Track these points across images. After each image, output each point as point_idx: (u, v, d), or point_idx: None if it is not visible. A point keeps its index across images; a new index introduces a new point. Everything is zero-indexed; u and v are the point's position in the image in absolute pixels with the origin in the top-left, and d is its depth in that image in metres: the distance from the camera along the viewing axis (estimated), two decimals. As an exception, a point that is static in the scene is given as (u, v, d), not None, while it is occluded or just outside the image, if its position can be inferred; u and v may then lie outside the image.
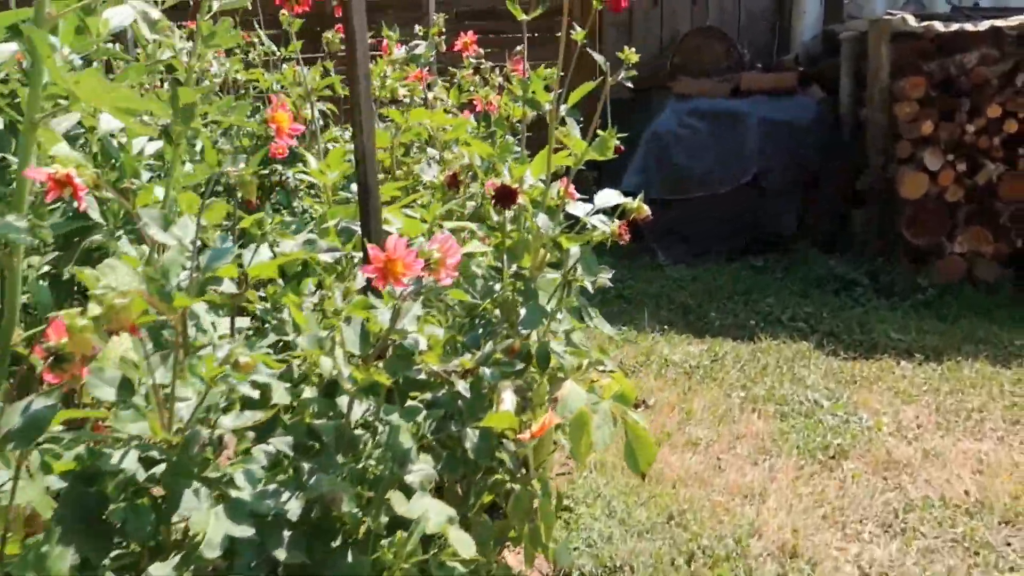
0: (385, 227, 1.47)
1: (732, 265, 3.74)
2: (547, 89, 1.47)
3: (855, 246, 3.68)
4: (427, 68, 2.38)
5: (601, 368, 1.35)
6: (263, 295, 1.17)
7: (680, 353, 2.85)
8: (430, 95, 2.12)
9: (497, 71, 2.31)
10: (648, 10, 4.98)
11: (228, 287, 0.92)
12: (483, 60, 2.46)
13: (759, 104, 3.96)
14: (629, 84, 1.52)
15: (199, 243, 0.89)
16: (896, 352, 2.80)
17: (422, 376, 1.02)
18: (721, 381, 2.60)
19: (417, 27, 2.57)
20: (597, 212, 1.52)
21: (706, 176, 3.88)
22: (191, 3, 1.57)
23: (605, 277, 1.50)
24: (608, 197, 1.45)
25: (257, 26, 2.14)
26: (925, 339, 2.88)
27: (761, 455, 2.09)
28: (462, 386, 1.06)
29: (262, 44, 2.18)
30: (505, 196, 1.27)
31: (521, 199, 1.34)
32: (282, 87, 2.02)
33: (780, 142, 3.85)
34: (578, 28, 1.51)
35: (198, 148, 1.42)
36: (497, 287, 1.31)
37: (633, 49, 1.53)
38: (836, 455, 2.08)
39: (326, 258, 1.08)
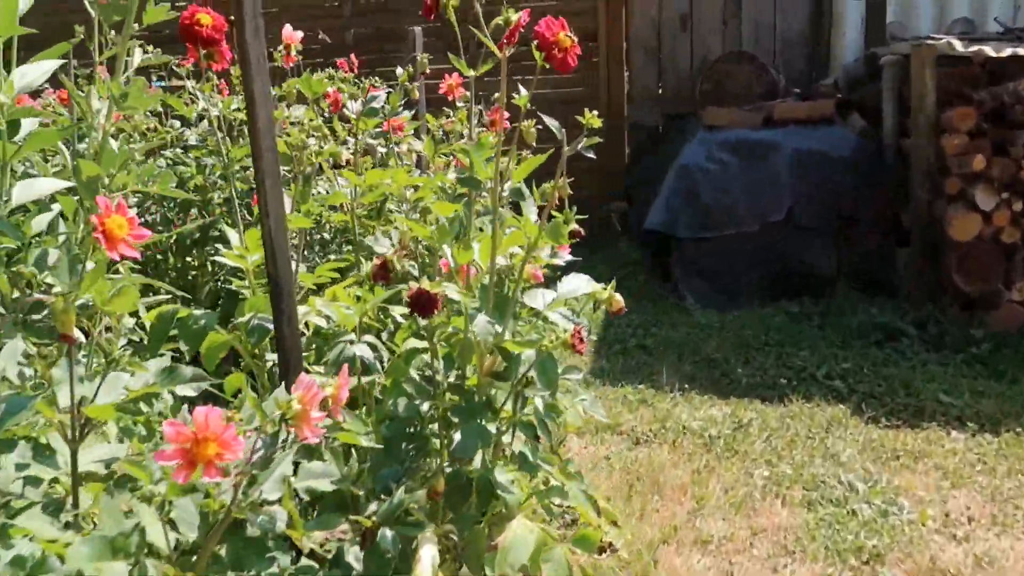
0: (315, 318, 1.26)
1: (765, 310, 3.45)
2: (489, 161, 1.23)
3: (899, 291, 3.36)
4: (412, 114, 2.19)
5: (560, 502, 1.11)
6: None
7: (700, 418, 2.58)
8: (403, 147, 1.91)
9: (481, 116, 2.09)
10: (677, 33, 4.73)
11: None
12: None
13: (793, 134, 3.67)
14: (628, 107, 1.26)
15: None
16: (946, 419, 2.48)
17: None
18: (743, 455, 2.32)
19: (399, 68, 2.36)
20: (572, 293, 1.29)
21: (736, 213, 3.61)
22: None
23: (574, 378, 1.26)
24: (575, 286, 1.21)
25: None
26: (979, 403, 2.56)
27: (783, 557, 1.81)
28: (354, 557, 0.83)
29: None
30: (422, 305, 1.04)
31: (457, 295, 1.11)
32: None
33: (816, 176, 3.56)
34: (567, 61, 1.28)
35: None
36: (426, 406, 1.08)
37: (630, 89, 1.27)
38: (871, 559, 1.78)
39: (188, 391, 0.87)
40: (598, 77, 4.94)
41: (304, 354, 1.13)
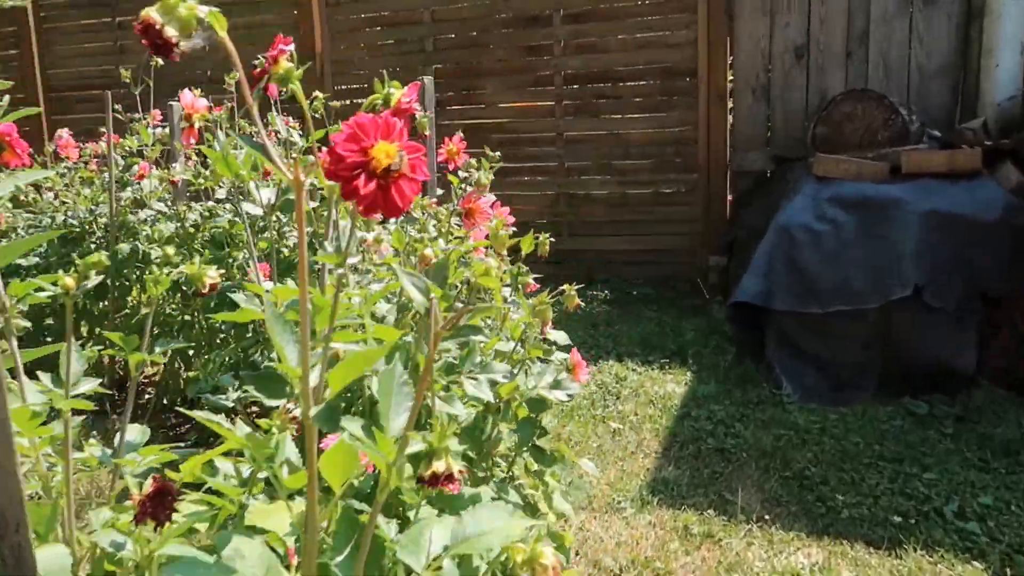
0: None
1: (881, 410, 2.79)
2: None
3: (1065, 397, 2.63)
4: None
5: None
6: None
7: (780, 569, 1.99)
8: (370, 236, 1.48)
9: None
10: (791, 67, 4.11)
11: None
12: (475, 169, 1.81)
13: (926, 191, 3.00)
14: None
15: None
16: None
17: None
18: (830, 640, 1.73)
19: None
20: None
21: (850, 286, 2.97)
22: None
23: None
24: (480, 527, 0.73)
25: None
26: None
27: None
28: None
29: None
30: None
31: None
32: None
33: (953, 243, 2.88)
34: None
35: None
36: None
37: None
38: None
39: None
40: (696, 116, 4.38)
41: None
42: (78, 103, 6.12)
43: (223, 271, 2.77)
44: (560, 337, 1.92)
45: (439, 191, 2.74)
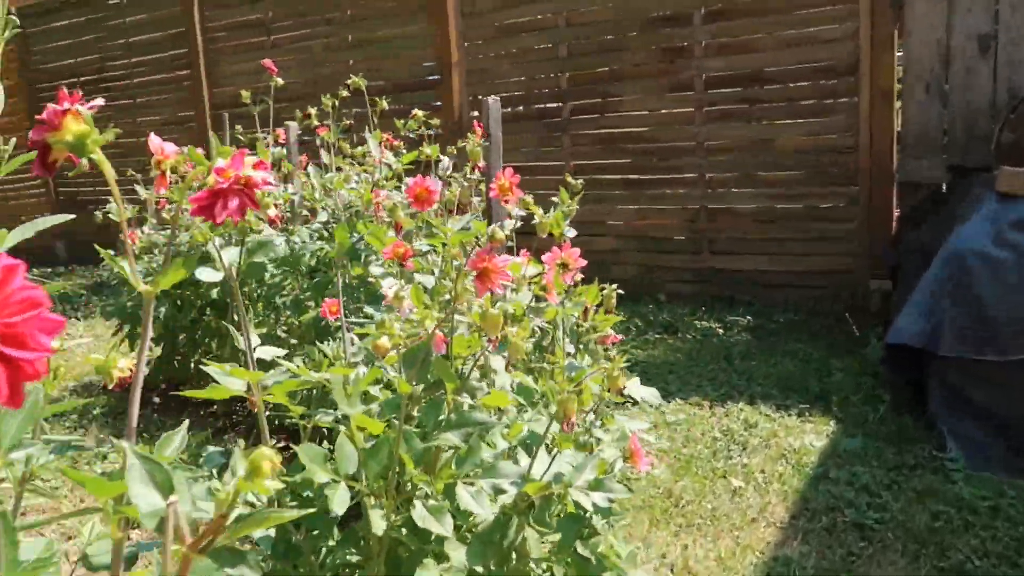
0: None
1: (1076, 488, 2.24)
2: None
3: None
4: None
5: None
6: None
7: None
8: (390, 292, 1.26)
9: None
10: (974, 61, 3.51)
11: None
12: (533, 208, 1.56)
13: None
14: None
15: None
16: None
17: None
18: None
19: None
20: None
21: (1037, 328, 2.43)
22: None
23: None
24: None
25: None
26: None
27: None
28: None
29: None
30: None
31: None
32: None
33: None
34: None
35: None
36: None
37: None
38: None
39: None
40: (857, 120, 3.85)
41: None
42: (237, 120, 6.41)
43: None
44: (648, 394, 1.62)
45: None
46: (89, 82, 7.27)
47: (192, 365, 3.23)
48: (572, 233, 1.75)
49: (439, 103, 5.29)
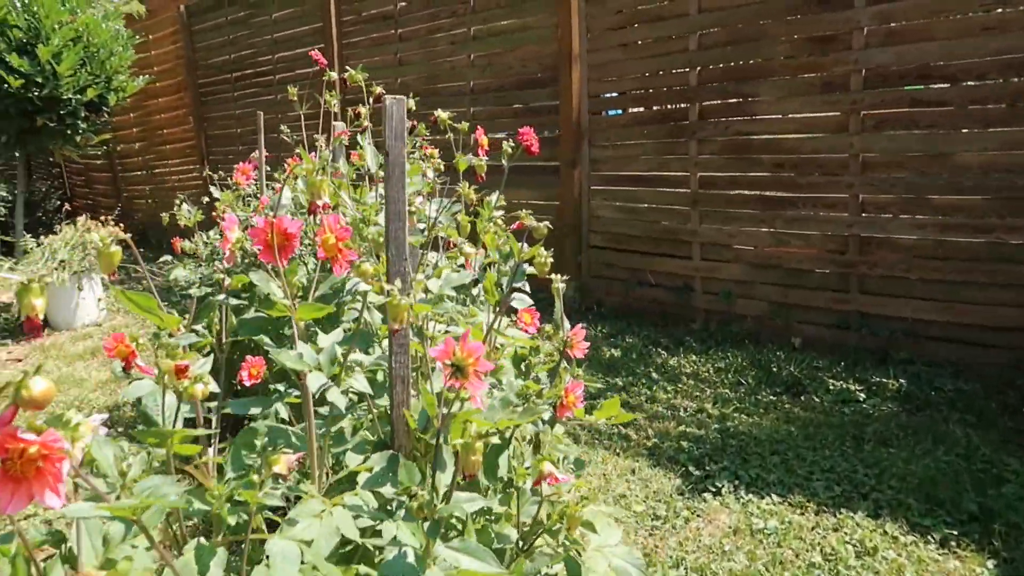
0: None
1: None
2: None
3: None
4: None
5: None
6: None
7: None
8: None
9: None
10: None
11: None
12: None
13: None
14: None
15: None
16: None
17: None
18: None
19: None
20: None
21: None
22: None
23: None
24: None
25: None
26: None
27: None
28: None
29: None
30: None
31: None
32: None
33: None
34: None
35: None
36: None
37: None
38: None
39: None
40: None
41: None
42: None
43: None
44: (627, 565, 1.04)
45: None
46: (243, 77, 7.38)
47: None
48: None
49: (556, 101, 4.73)
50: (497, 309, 1.29)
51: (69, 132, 5.97)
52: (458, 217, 1.90)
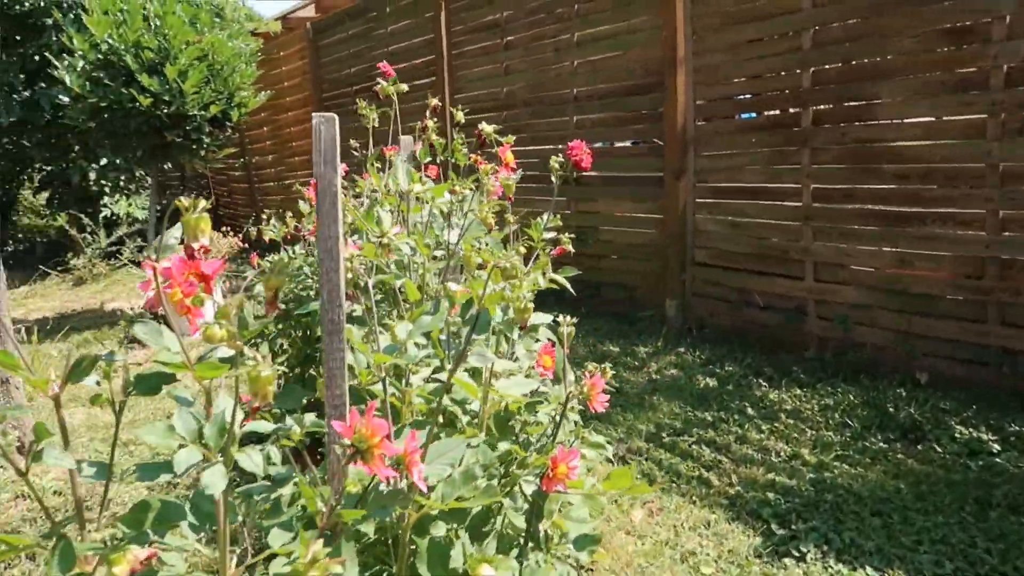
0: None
1: None
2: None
3: None
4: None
5: None
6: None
7: None
8: None
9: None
10: None
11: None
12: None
13: None
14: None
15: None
16: None
17: None
18: None
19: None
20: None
21: None
22: None
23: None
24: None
25: None
26: None
27: None
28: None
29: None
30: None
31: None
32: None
33: None
34: None
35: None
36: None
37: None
38: None
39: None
40: None
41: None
42: (470, 126, 6.11)
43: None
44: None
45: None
46: (363, 89, 7.51)
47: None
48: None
49: (660, 108, 4.43)
50: (451, 357, 1.10)
51: (195, 147, 6.25)
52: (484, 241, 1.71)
